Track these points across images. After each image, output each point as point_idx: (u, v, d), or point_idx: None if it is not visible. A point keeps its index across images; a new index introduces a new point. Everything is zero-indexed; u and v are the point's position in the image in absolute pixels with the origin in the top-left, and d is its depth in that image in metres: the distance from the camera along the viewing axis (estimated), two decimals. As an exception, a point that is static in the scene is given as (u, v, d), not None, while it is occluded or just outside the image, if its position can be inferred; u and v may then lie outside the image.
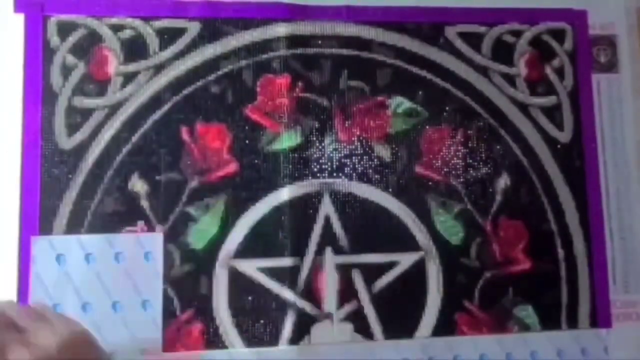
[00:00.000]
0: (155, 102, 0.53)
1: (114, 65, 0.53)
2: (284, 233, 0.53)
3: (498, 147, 0.57)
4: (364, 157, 0.55)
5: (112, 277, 0.51)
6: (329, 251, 0.53)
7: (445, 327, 0.54)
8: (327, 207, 0.54)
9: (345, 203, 0.54)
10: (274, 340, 0.52)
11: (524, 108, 0.57)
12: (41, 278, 0.50)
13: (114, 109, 0.53)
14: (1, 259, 0.50)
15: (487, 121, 0.57)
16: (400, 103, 0.56)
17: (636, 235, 0.57)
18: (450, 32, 0.57)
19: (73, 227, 0.51)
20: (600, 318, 0.55)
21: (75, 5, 0.53)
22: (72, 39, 0.53)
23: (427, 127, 0.56)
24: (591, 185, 0.57)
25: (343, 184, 0.54)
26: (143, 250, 0.51)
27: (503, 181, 0.56)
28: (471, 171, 0.56)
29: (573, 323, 0.55)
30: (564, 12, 0.59)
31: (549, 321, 0.55)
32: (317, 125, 0.55)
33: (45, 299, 0.49)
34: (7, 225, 0.50)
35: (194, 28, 0.54)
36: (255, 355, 0.51)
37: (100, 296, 0.50)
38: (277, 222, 0.53)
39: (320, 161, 0.54)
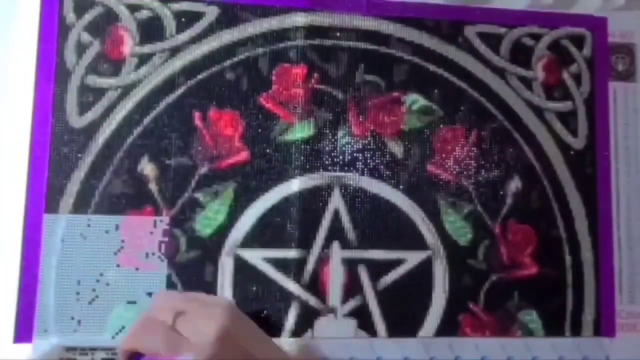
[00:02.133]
0: (169, 85, 0.53)
1: (129, 46, 0.53)
2: (291, 224, 0.53)
3: (511, 150, 0.56)
4: (376, 153, 0.54)
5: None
6: (336, 245, 0.53)
7: (448, 327, 0.53)
8: (336, 201, 0.53)
9: (355, 198, 0.54)
10: (276, 332, 0.51)
11: (539, 112, 0.57)
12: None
13: (127, 89, 0.52)
14: (6, 236, 0.49)
15: (501, 123, 0.56)
16: (415, 100, 0.56)
17: (644, 246, 0.57)
18: (470, 31, 0.57)
19: (80, 207, 0.50)
20: (605, 327, 0.55)
21: (93, -18, 0.53)
22: (88, 17, 0.52)
23: (441, 125, 0.56)
24: (602, 194, 0.57)
25: (354, 179, 0.54)
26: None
27: (514, 184, 0.56)
28: (483, 172, 0.56)
29: (577, 330, 0.55)
30: (585, 18, 0.59)
31: (552, 327, 0.54)
32: (330, 118, 0.54)
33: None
34: (14, 202, 0.50)
35: (212, 12, 0.54)
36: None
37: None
38: (286, 213, 0.53)
39: (332, 154, 0.54)
